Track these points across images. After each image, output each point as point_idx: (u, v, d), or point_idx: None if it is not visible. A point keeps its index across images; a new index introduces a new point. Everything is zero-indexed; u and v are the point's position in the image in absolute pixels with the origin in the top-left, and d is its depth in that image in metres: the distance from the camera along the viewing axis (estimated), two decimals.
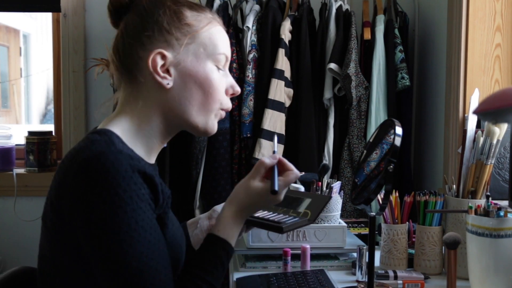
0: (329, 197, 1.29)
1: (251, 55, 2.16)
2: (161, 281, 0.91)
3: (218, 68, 1.02)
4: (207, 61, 1.00)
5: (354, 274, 1.40)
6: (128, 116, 1.01)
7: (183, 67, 0.98)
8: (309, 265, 1.38)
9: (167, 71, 0.98)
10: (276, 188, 1.00)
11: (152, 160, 1.05)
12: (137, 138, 1.00)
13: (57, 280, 0.97)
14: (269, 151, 2.09)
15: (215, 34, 1.02)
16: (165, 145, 1.09)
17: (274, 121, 2.09)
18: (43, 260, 1.01)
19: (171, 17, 0.99)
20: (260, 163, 1.04)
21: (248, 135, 2.15)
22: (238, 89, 1.06)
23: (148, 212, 0.91)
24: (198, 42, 1.00)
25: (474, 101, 1.36)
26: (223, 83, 1.03)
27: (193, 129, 1.04)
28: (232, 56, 2.16)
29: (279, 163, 1.04)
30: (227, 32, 2.28)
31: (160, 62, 0.97)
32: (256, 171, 1.04)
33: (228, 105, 1.04)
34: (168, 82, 0.98)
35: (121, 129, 0.99)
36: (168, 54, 0.98)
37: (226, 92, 1.04)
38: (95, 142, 0.93)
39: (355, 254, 1.43)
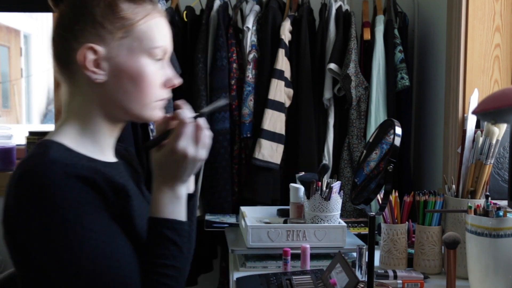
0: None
1: (251, 55, 2.16)
2: (126, 278, 0.90)
3: (155, 60, 0.98)
4: (141, 55, 0.96)
5: None
6: (71, 119, 1.00)
7: (116, 61, 0.95)
8: (309, 265, 1.38)
9: (99, 66, 0.95)
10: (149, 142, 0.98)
11: (108, 157, 1.03)
12: (84, 139, 0.99)
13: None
14: (269, 152, 2.09)
15: (153, 27, 0.98)
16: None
17: (274, 121, 2.10)
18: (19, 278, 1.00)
19: (105, 9, 0.95)
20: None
21: (248, 135, 2.15)
22: (176, 81, 1.01)
23: (96, 213, 0.90)
24: (133, 36, 0.96)
25: (473, 101, 1.36)
26: (158, 76, 0.99)
27: (134, 120, 1.02)
28: (232, 57, 2.17)
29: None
30: (227, 32, 2.30)
31: (91, 56, 0.94)
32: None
33: (164, 96, 1.01)
34: (97, 77, 0.95)
35: (65, 135, 0.98)
36: (100, 48, 0.94)
37: (164, 85, 1.00)
38: (32, 156, 0.92)
39: (354, 254, 1.44)
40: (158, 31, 0.98)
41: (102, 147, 1.01)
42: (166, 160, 0.96)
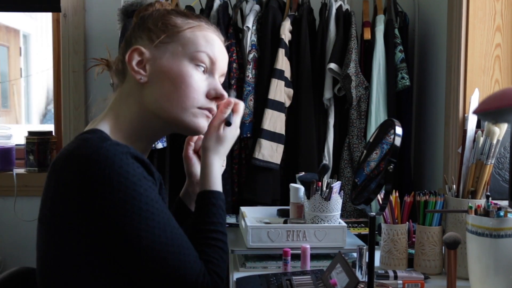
0: None
1: (251, 55, 2.16)
2: (189, 247, 0.96)
3: (199, 67, 1.02)
4: (184, 59, 1.01)
5: None
6: (113, 117, 1.04)
7: (159, 64, 1.01)
8: (309, 265, 1.38)
9: (144, 67, 1.01)
10: (231, 120, 1.07)
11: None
12: (123, 136, 1.03)
13: (59, 281, 0.97)
14: (269, 152, 2.09)
15: (199, 36, 1.03)
16: (165, 144, 1.13)
17: (274, 121, 2.10)
18: (42, 262, 1.01)
19: (157, 17, 1.04)
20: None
21: (248, 135, 2.15)
22: (222, 92, 1.05)
23: (155, 188, 0.96)
24: (178, 41, 1.02)
25: (474, 101, 1.36)
26: (201, 83, 1.02)
27: (176, 125, 1.04)
28: (232, 56, 2.17)
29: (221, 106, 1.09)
30: (227, 32, 2.29)
31: (136, 58, 1.01)
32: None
33: (208, 105, 1.04)
34: (141, 77, 1.01)
35: (106, 127, 1.03)
36: (145, 51, 1.01)
37: (208, 95, 1.04)
38: (89, 140, 0.95)
39: (355, 254, 1.43)
40: (205, 40, 1.03)
41: (137, 146, 1.05)
42: (230, 136, 1.08)
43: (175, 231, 0.95)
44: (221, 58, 1.06)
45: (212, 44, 1.04)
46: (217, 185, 1.06)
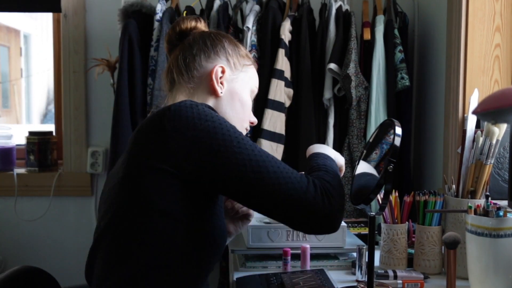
0: None
1: (251, 55, 2.16)
2: (299, 175, 1.06)
3: (250, 98, 1.28)
4: (248, 89, 1.26)
5: (354, 273, 1.40)
6: None
7: (234, 85, 1.23)
8: (309, 265, 1.38)
9: (222, 83, 1.22)
10: None
11: None
12: None
13: (135, 240, 1.02)
14: (269, 151, 2.08)
15: (255, 73, 1.30)
16: None
17: (274, 121, 2.10)
18: (114, 223, 1.04)
19: (233, 46, 1.26)
20: None
21: (248, 135, 2.15)
22: (255, 119, 1.29)
23: None
24: (248, 74, 1.27)
25: (473, 101, 1.36)
26: (250, 109, 1.27)
27: None
28: None
29: None
30: (227, 32, 2.30)
31: (220, 74, 1.21)
32: None
33: (247, 127, 1.27)
34: (222, 91, 1.21)
35: None
36: (227, 70, 1.22)
37: (249, 117, 1.28)
38: (167, 106, 1.07)
39: (355, 254, 1.44)
40: (256, 79, 1.30)
41: None
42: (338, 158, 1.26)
43: (272, 156, 1.07)
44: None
45: (258, 80, 1.31)
46: (323, 149, 1.24)
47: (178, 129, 1.01)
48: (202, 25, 1.29)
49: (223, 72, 1.21)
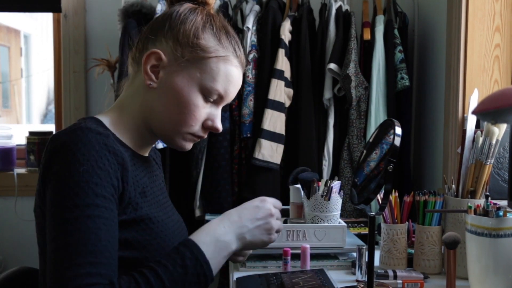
0: None
1: (251, 56, 2.16)
2: (96, 248, 0.86)
3: (206, 99, 1.01)
4: (197, 87, 0.99)
5: (353, 273, 1.40)
6: (118, 106, 1.04)
7: (172, 78, 0.99)
8: (309, 265, 1.38)
9: (157, 73, 0.99)
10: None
11: (142, 151, 1.06)
12: (123, 127, 1.03)
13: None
14: (269, 152, 2.09)
15: (220, 70, 1.00)
16: (165, 145, 1.12)
17: (274, 121, 2.10)
18: (40, 253, 1.03)
19: (190, 30, 0.99)
20: None
21: (248, 135, 2.16)
22: (218, 126, 1.04)
23: (104, 182, 0.89)
24: (199, 67, 0.99)
25: (473, 101, 1.37)
26: (202, 113, 1.01)
27: (164, 139, 1.05)
28: None
29: None
30: None
31: (153, 61, 0.99)
32: None
33: (200, 134, 1.03)
34: (151, 82, 0.99)
35: (107, 117, 1.02)
36: (164, 58, 0.99)
37: (205, 124, 1.03)
38: (71, 126, 0.96)
39: (354, 254, 1.44)
40: (224, 76, 1.00)
41: (136, 141, 1.04)
42: (253, 204, 1.05)
43: (89, 224, 0.86)
44: (233, 92, 1.04)
45: (229, 81, 1.02)
46: (203, 240, 0.96)
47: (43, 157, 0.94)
48: None
49: (158, 59, 0.99)
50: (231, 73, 1.02)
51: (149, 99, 1.00)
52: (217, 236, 0.98)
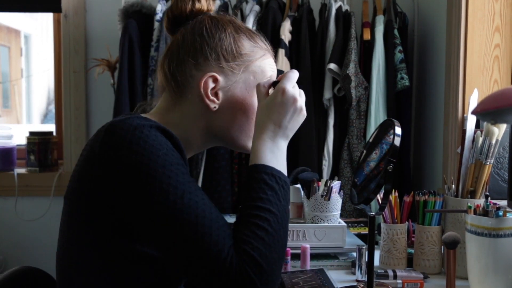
0: None
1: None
2: (220, 222, 0.87)
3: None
4: (255, 89, 1.03)
5: (353, 273, 1.40)
6: (163, 119, 1.02)
7: (233, 93, 1.02)
8: (309, 265, 1.38)
9: (216, 95, 1.01)
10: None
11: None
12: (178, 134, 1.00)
13: (84, 265, 0.94)
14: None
15: (266, 65, 1.05)
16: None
17: None
18: (65, 244, 0.98)
19: (230, 45, 1.02)
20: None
21: None
22: None
23: (180, 160, 0.91)
24: (250, 71, 1.03)
25: (473, 101, 1.37)
26: None
27: (233, 147, 1.08)
28: None
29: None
30: None
31: (211, 85, 1.00)
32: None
33: None
34: (215, 105, 1.01)
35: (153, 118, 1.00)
36: (220, 79, 1.00)
37: None
38: (117, 118, 0.95)
39: (354, 254, 1.44)
40: (270, 69, 1.06)
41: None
42: (275, 102, 0.99)
43: (200, 201, 0.87)
44: None
45: (273, 71, 1.07)
46: (263, 158, 0.96)
47: (106, 153, 0.89)
48: (204, 5, 1.06)
49: (215, 81, 1.00)
50: (272, 65, 1.08)
51: (211, 120, 1.02)
52: (271, 148, 0.98)
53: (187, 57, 1.01)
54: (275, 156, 0.97)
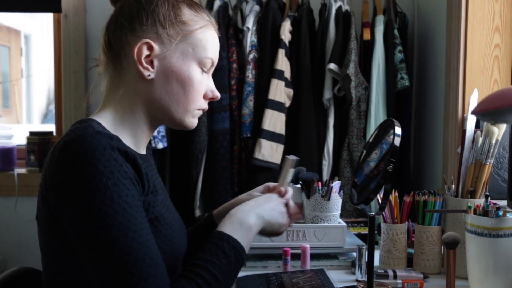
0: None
1: (251, 56, 2.16)
2: (153, 262, 0.87)
3: (202, 71, 1.02)
4: (193, 61, 1.00)
5: (353, 273, 1.40)
6: (112, 108, 1.01)
7: (168, 62, 0.98)
8: (309, 265, 1.38)
9: (151, 63, 0.98)
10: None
11: (141, 150, 1.04)
12: (123, 128, 1.00)
13: (62, 278, 0.96)
14: (269, 152, 2.09)
15: (207, 38, 1.02)
16: (165, 144, 1.10)
17: (274, 121, 2.10)
18: (44, 261, 1.01)
19: (168, 10, 0.99)
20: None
21: (248, 135, 2.16)
22: (217, 94, 1.06)
23: (133, 190, 0.89)
24: (189, 42, 0.99)
25: (473, 101, 1.37)
26: (203, 86, 1.03)
27: (171, 124, 1.04)
28: (232, 57, 2.17)
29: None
30: (227, 33, 2.30)
31: (145, 52, 0.97)
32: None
33: (204, 106, 1.05)
34: (149, 74, 0.98)
35: (105, 120, 0.99)
36: (155, 46, 0.97)
37: (205, 96, 1.04)
38: (75, 130, 0.93)
39: (354, 254, 1.44)
40: (211, 43, 1.02)
41: (138, 142, 1.03)
42: (262, 196, 1.12)
43: (143, 242, 0.86)
44: (218, 56, 1.06)
45: (215, 45, 1.04)
46: (231, 229, 0.99)
47: (57, 175, 0.89)
48: None
49: (150, 49, 0.97)
50: (215, 38, 1.04)
51: (149, 91, 0.99)
52: (240, 220, 1.01)
53: (124, 23, 0.99)
54: (243, 232, 1.00)
